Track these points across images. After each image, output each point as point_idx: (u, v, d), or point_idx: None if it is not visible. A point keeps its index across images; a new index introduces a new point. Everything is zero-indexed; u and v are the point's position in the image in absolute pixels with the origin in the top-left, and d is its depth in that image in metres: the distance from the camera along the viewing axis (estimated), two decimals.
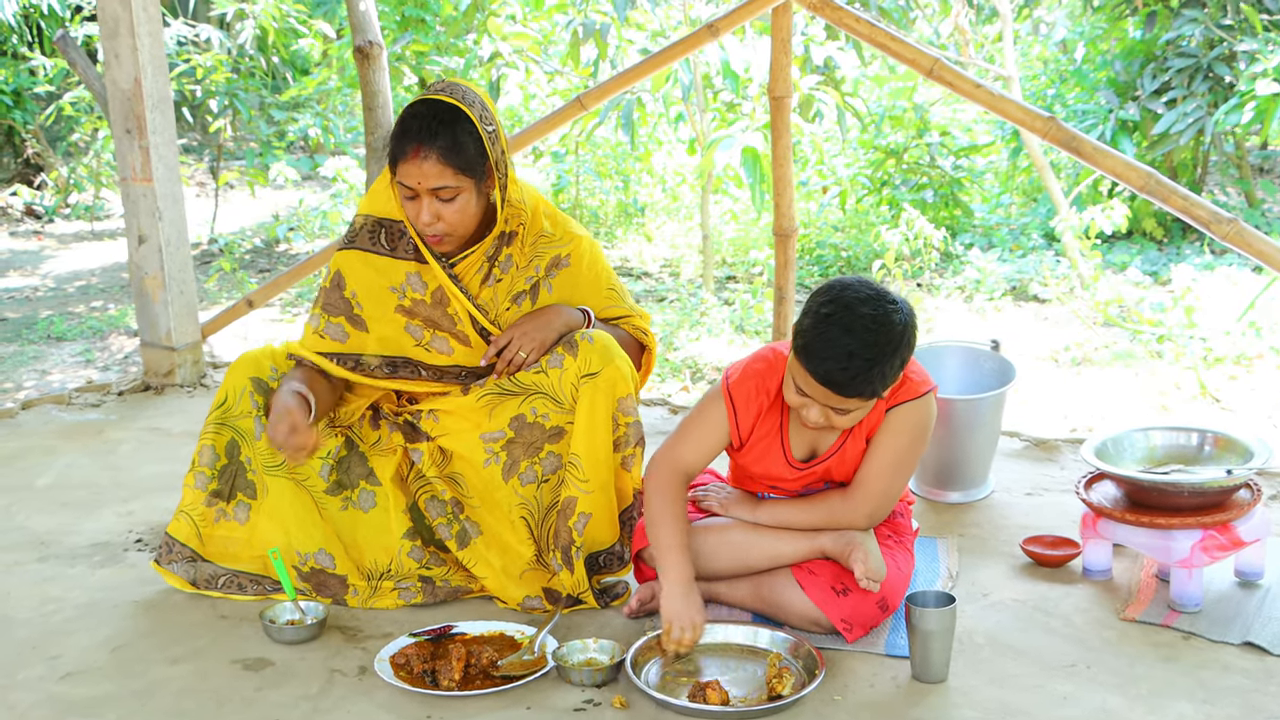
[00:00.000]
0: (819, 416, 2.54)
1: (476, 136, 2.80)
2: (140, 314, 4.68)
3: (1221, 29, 7.87)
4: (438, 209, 2.81)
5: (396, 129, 2.81)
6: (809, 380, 2.48)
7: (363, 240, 2.99)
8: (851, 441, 2.69)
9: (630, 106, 7.11)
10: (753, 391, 2.70)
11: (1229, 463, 2.86)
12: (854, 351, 2.42)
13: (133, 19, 4.26)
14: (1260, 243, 3.50)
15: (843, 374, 2.43)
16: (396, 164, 2.80)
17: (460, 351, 2.98)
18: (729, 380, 2.73)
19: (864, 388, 2.46)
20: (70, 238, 10.70)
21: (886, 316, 2.45)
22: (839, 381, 2.44)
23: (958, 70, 3.80)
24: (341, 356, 2.97)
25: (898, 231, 7.92)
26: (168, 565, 2.98)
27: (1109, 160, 3.65)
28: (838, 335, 2.43)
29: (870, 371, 2.44)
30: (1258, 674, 2.49)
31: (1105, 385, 6.00)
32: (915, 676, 2.52)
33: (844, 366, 2.42)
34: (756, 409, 2.70)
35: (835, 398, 2.47)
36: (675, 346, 6.77)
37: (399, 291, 2.97)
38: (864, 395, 2.48)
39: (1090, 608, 2.80)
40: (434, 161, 2.75)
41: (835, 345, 2.42)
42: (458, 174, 2.78)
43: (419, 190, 2.80)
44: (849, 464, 2.71)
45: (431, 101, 2.80)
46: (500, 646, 2.67)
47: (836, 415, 2.53)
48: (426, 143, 2.75)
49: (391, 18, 8.37)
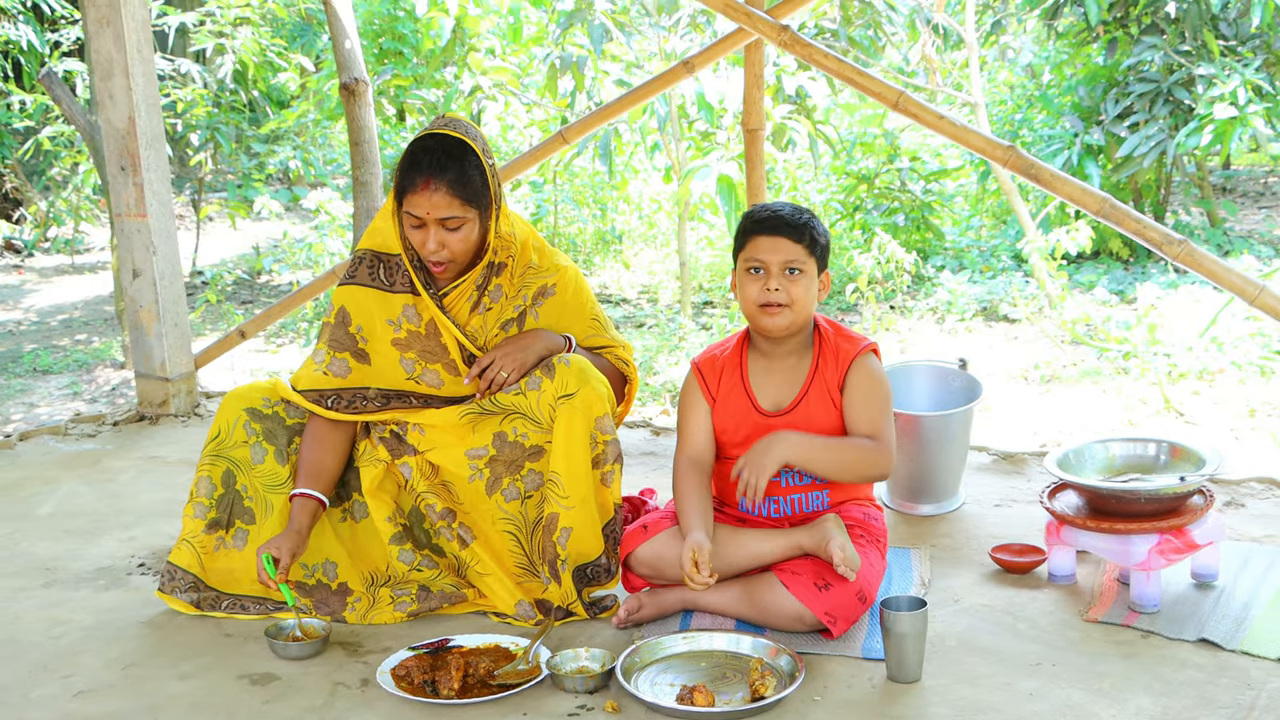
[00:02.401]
0: (776, 286, 2.90)
1: (481, 170, 2.96)
2: (135, 346, 4.80)
3: (1180, 54, 8.08)
4: (444, 238, 2.96)
5: (405, 161, 2.96)
6: (759, 243, 2.92)
7: (362, 275, 3.13)
8: (815, 391, 2.96)
9: (608, 137, 7.27)
10: (714, 357, 3.09)
11: (1183, 471, 3.02)
12: (781, 205, 2.98)
13: (127, 61, 4.40)
14: (1210, 262, 3.67)
15: (783, 212, 2.93)
16: (405, 195, 2.95)
17: (449, 383, 3.12)
18: (695, 360, 3.11)
19: (804, 229, 2.91)
20: (51, 271, 10.77)
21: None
22: (788, 220, 2.91)
23: (921, 103, 3.97)
24: (341, 393, 3.10)
25: (870, 255, 8.10)
26: (171, 592, 3.09)
27: (1066, 186, 3.82)
28: (771, 205, 2.99)
29: (802, 214, 2.93)
30: (1211, 668, 2.64)
31: (1073, 402, 6.15)
32: (890, 677, 2.65)
33: (779, 209, 2.94)
34: (720, 368, 3.06)
35: (786, 245, 2.90)
36: (655, 371, 6.91)
37: (395, 325, 3.11)
38: (807, 240, 2.91)
39: (1055, 610, 2.95)
40: (444, 193, 2.91)
41: (767, 206, 2.98)
42: (465, 205, 2.94)
43: (426, 220, 2.94)
44: (817, 416, 2.95)
45: (440, 136, 2.96)
46: (496, 657, 2.79)
47: (792, 284, 2.90)
48: (436, 176, 2.90)
49: (370, 50, 8.52)
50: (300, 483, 3.03)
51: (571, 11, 7.41)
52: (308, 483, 3.02)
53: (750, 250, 2.93)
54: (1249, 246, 8.52)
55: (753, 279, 2.93)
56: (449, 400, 3.12)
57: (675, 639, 2.79)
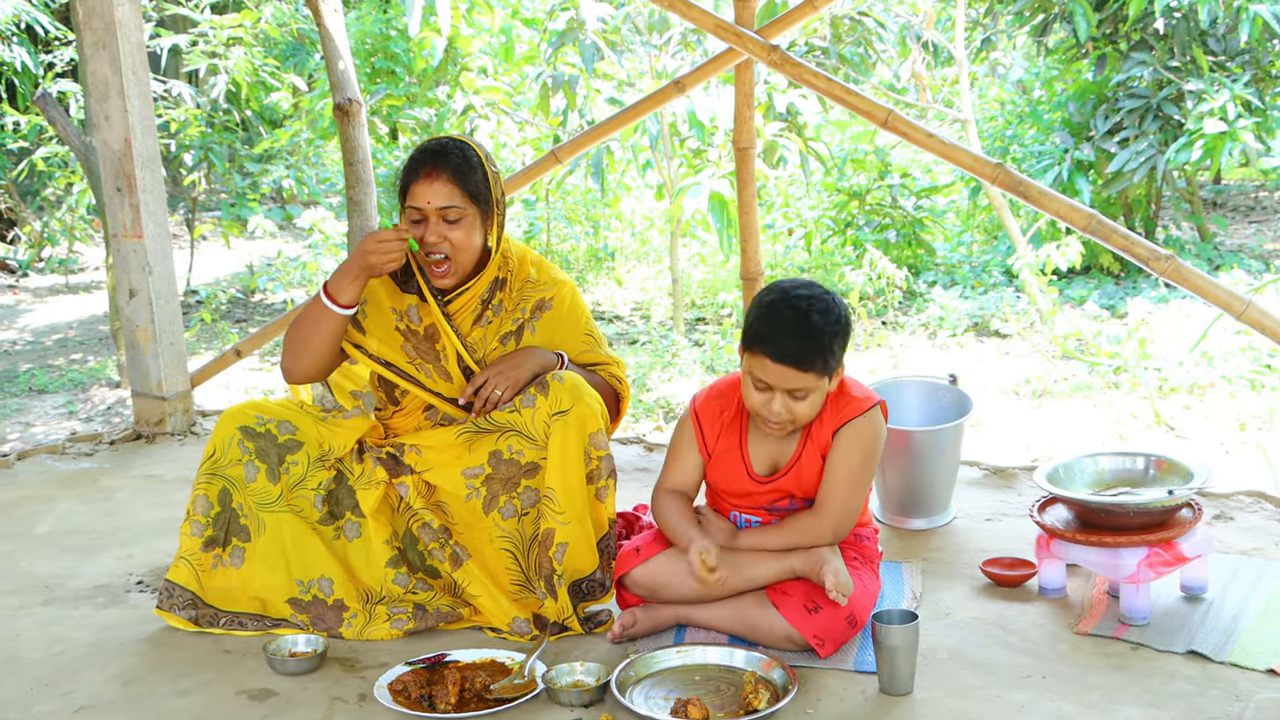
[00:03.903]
0: (780, 408, 2.77)
1: (483, 171, 3.05)
2: (131, 365, 4.82)
3: (1169, 70, 8.15)
4: (444, 231, 3.02)
5: (407, 163, 3.05)
6: (766, 365, 2.74)
7: None
8: (807, 455, 2.91)
9: (600, 155, 7.32)
10: (716, 410, 2.99)
11: (1171, 484, 3.05)
12: (800, 322, 2.71)
13: (123, 83, 4.44)
14: (1196, 277, 3.71)
15: (796, 343, 2.71)
16: (407, 189, 3.03)
17: (441, 386, 3.16)
18: (695, 402, 3.02)
19: (816, 357, 2.72)
20: (45, 291, 10.80)
21: (822, 295, 2.78)
22: (794, 352, 2.70)
23: (910, 120, 4.01)
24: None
25: (862, 271, 8.15)
26: (169, 610, 3.11)
27: (1054, 203, 3.86)
28: (784, 312, 2.73)
29: (820, 339, 2.72)
30: (1200, 680, 2.67)
31: (1065, 416, 6.19)
32: (883, 690, 2.68)
33: (795, 335, 2.71)
34: (720, 425, 2.98)
35: (793, 374, 2.72)
36: (648, 387, 6.94)
37: (399, 315, 3.17)
38: (818, 367, 2.73)
39: (1046, 623, 2.98)
40: (444, 181, 2.99)
41: (784, 321, 2.72)
42: (465, 197, 3.02)
43: (427, 212, 3.01)
44: (807, 479, 2.92)
45: (443, 138, 3.07)
46: (492, 672, 2.81)
47: (795, 403, 2.77)
48: (438, 165, 3.00)
49: (362, 70, 8.56)
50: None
51: (563, 31, 7.47)
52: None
53: (758, 370, 2.77)
54: (1239, 261, 8.58)
55: (757, 391, 2.80)
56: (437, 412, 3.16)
57: (669, 653, 2.81)
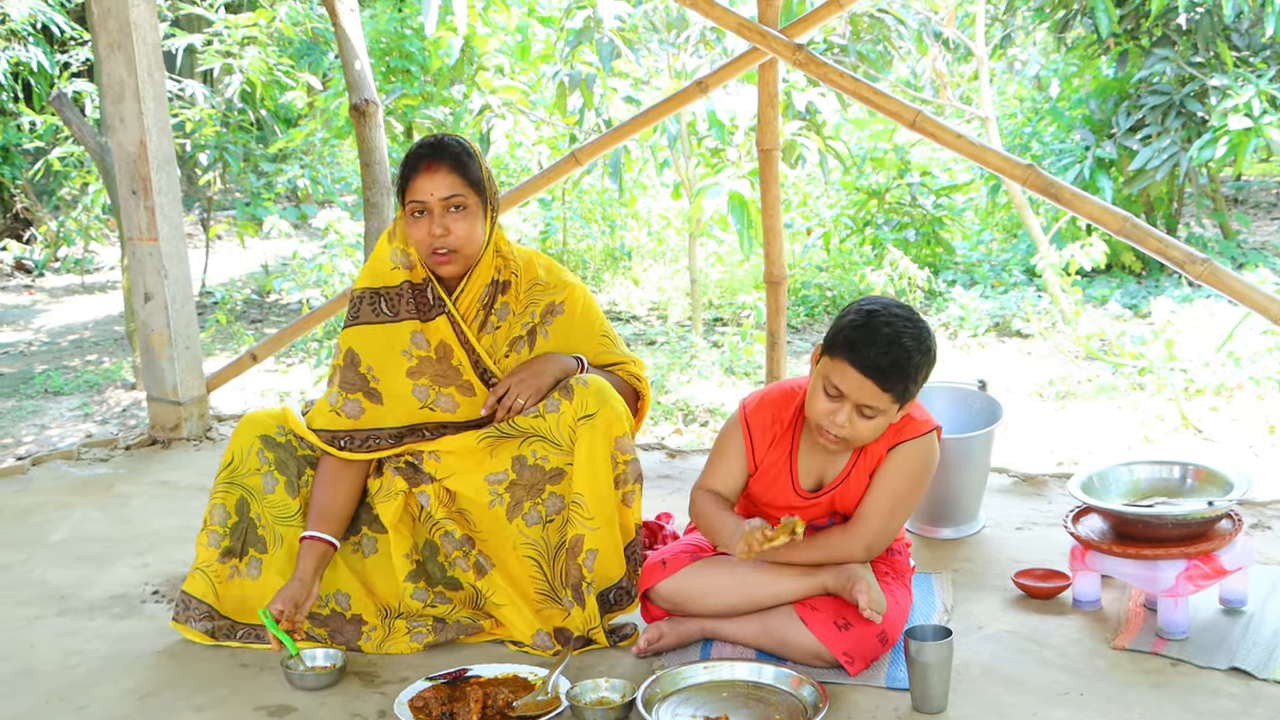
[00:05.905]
0: (844, 420, 2.68)
1: (480, 165, 3.03)
2: (146, 369, 4.77)
3: (1193, 66, 8.05)
4: (447, 223, 2.98)
5: (404, 161, 3.02)
6: (847, 374, 2.64)
7: (365, 314, 3.10)
8: (856, 473, 2.83)
9: (618, 155, 7.26)
10: (768, 420, 2.89)
11: (1210, 494, 2.97)
12: (895, 340, 2.62)
13: (138, 85, 4.39)
14: (1233, 280, 3.63)
15: (886, 358, 2.61)
16: (407, 184, 3.00)
17: (465, 406, 3.08)
18: (746, 409, 2.92)
19: (899, 380, 2.63)
20: (61, 291, 10.78)
21: (920, 321, 2.70)
22: (883, 368, 2.61)
23: (939, 121, 3.94)
24: (354, 434, 3.07)
25: (882, 271, 8.08)
26: (185, 622, 3.07)
27: (1087, 205, 3.78)
28: (881, 327, 2.63)
29: (909, 363, 2.63)
30: (1244, 698, 2.60)
31: (1089, 418, 6.11)
32: (915, 708, 2.61)
33: (886, 351, 2.61)
34: (770, 436, 2.88)
35: (871, 389, 2.63)
36: (667, 389, 6.87)
37: (407, 354, 3.08)
38: (897, 390, 2.65)
39: (1081, 637, 2.91)
40: (445, 172, 2.97)
41: (879, 334, 2.62)
42: (467, 185, 2.99)
43: (429, 204, 2.97)
44: (853, 496, 2.85)
45: (437, 135, 3.06)
46: (515, 688, 2.75)
47: (861, 420, 2.68)
48: (439, 157, 2.98)
49: (378, 69, 8.51)
50: (311, 525, 3.02)
51: (580, 29, 7.41)
52: (318, 525, 3.01)
53: (836, 376, 2.67)
54: (1263, 258, 8.47)
55: (827, 398, 2.71)
56: (463, 426, 3.09)
57: (696, 669, 2.75)
